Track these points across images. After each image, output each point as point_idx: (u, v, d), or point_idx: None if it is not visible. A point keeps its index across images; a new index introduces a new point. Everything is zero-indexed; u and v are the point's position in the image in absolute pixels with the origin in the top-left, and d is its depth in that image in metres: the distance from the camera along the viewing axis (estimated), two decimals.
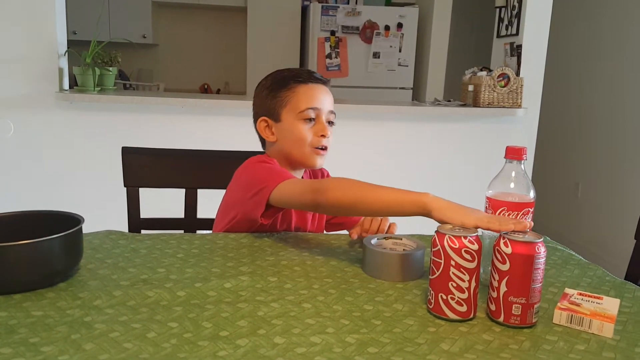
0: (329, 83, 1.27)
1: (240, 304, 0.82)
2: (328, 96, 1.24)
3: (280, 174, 1.13)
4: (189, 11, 5.18)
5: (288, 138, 1.22)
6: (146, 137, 2.56)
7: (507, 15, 2.99)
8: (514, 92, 2.73)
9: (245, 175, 1.19)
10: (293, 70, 1.24)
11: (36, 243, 0.81)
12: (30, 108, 2.49)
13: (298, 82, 1.21)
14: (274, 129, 1.23)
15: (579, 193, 3.80)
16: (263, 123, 1.23)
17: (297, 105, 1.20)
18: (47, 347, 0.67)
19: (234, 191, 1.22)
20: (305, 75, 1.22)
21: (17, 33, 2.43)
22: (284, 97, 1.21)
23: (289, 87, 1.21)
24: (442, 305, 0.79)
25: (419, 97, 4.31)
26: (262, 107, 1.24)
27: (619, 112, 3.41)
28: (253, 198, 1.11)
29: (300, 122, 1.20)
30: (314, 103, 1.20)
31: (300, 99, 1.20)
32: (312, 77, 1.23)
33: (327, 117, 1.23)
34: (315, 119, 1.21)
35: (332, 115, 1.24)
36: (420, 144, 2.84)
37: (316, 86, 1.22)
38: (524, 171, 0.90)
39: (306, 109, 1.19)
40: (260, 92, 1.25)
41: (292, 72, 1.24)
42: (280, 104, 1.21)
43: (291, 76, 1.22)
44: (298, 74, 1.23)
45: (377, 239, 1.03)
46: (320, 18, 4.11)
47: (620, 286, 0.97)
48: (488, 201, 0.90)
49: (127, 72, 4.97)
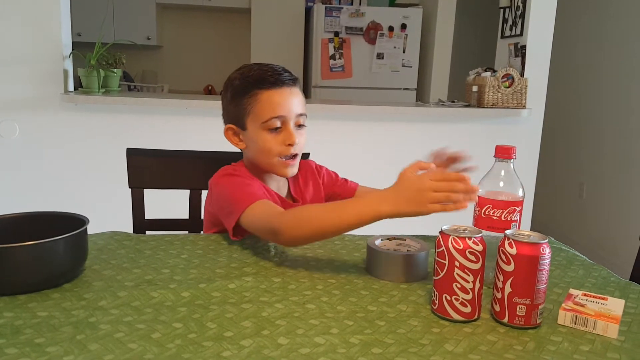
0: (298, 82, 1.16)
1: (244, 304, 0.82)
2: (296, 98, 1.14)
3: (247, 196, 1.06)
4: (193, 13, 5.19)
5: (254, 148, 1.15)
6: (151, 138, 2.57)
7: (511, 15, 2.99)
8: (518, 92, 2.72)
9: (216, 190, 1.15)
10: (254, 74, 1.13)
11: (41, 244, 0.82)
12: (35, 110, 2.50)
13: (260, 88, 1.11)
14: (241, 135, 1.17)
15: (584, 193, 3.78)
16: (230, 131, 1.17)
17: (260, 115, 1.11)
18: (52, 347, 0.67)
19: (210, 206, 1.20)
20: (268, 80, 1.11)
21: (22, 35, 2.44)
22: (246, 106, 1.12)
23: (250, 94, 1.12)
24: (446, 306, 0.79)
25: (422, 97, 4.31)
26: (227, 112, 1.18)
27: (624, 112, 3.39)
28: (226, 217, 1.09)
29: (265, 132, 1.12)
30: (278, 111, 1.11)
31: (263, 108, 1.11)
32: (276, 80, 1.11)
33: (295, 121, 1.14)
34: (281, 126, 1.12)
35: (301, 117, 1.15)
36: (424, 144, 2.81)
37: (281, 91, 1.12)
38: (514, 170, 0.91)
39: (270, 119, 1.11)
40: (225, 94, 1.18)
41: (253, 76, 1.13)
42: (243, 112, 1.13)
43: (252, 82, 1.12)
44: (260, 78, 1.12)
45: (381, 240, 1.03)
46: (324, 19, 4.11)
47: (625, 287, 0.97)
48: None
49: (132, 73, 4.99)
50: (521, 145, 2.60)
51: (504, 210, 0.89)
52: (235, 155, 1.42)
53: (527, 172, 2.86)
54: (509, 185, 0.90)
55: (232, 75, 1.19)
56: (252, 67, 1.16)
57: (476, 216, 0.92)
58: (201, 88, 5.15)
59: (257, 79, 1.12)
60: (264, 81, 1.12)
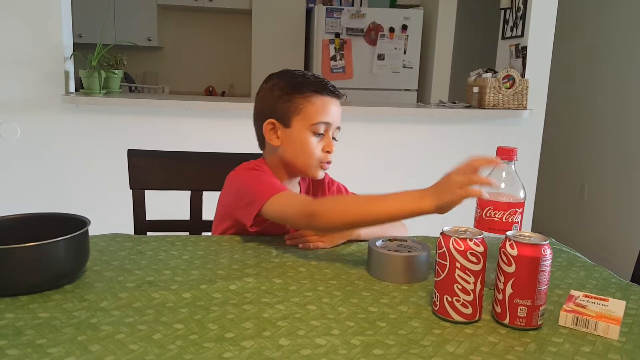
0: (343, 98, 1.21)
1: (245, 305, 0.82)
2: (339, 111, 1.19)
3: (271, 186, 1.09)
4: (194, 14, 5.20)
5: (294, 147, 1.17)
6: (152, 139, 2.57)
7: (512, 16, 2.99)
8: (519, 93, 2.72)
9: (236, 183, 1.17)
10: (309, 76, 1.18)
11: (42, 245, 0.82)
12: (36, 111, 2.50)
13: (315, 91, 1.15)
14: (280, 132, 1.17)
15: (585, 195, 3.78)
16: (269, 125, 1.17)
17: (311, 116, 1.14)
18: (53, 348, 0.67)
19: (226, 198, 1.21)
20: (322, 85, 1.16)
21: (23, 36, 2.44)
22: (299, 104, 1.15)
23: (305, 94, 1.15)
24: (448, 307, 0.79)
25: (423, 98, 4.31)
26: (271, 108, 1.17)
27: (625, 113, 3.39)
28: (244, 208, 1.10)
29: (310, 134, 1.15)
30: (327, 117, 1.15)
31: (316, 110, 1.14)
32: (329, 89, 1.17)
33: (333, 133, 1.19)
34: (324, 133, 1.17)
35: (337, 131, 1.21)
36: (425, 145, 2.83)
37: (332, 100, 1.17)
38: (515, 171, 0.91)
39: (319, 122, 1.15)
40: (272, 91, 1.18)
41: (307, 77, 1.17)
42: (293, 109, 1.15)
43: (308, 83, 1.16)
44: (316, 82, 1.16)
45: (382, 241, 1.04)
46: (325, 20, 4.11)
47: (626, 288, 0.97)
48: (477, 200, 0.92)
49: (133, 74, 4.99)
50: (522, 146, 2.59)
51: (505, 212, 0.89)
52: (238, 156, 1.42)
53: (528, 173, 2.86)
54: (510, 187, 0.90)
55: (275, 77, 1.20)
56: (300, 71, 1.20)
57: (477, 218, 0.92)
58: (202, 89, 5.15)
59: (314, 82, 1.17)
60: (321, 87, 1.16)
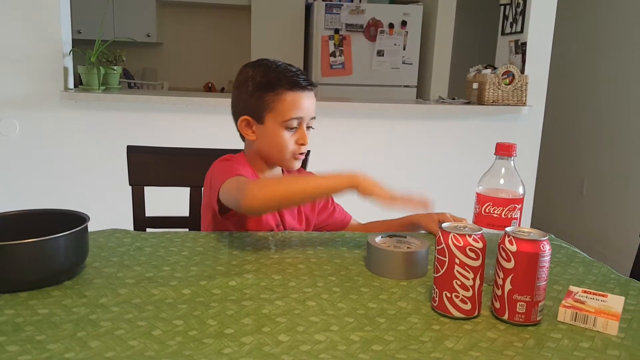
0: (316, 88, 1.23)
1: (244, 301, 0.82)
2: (312, 102, 1.21)
3: (231, 171, 1.10)
4: (193, 10, 5.19)
5: (269, 141, 1.20)
6: (151, 135, 2.56)
7: (511, 12, 2.98)
8: (518, 89, 2.72)
9: (210, 173, 1.21)
10: (280, 71, 1.18)
11: (42, 241, 0.82)
12: (35, 107, 2.49)
13: (287, 88, 1.16)
14: (255, 127, 1.20)
15: (584, 190, 3.78)
16: (244, 122, 1.20)
17: (283, 113, 1.16)
18: (53, 344, 0.67)
19: (205, 190, 1.25)
20: (293, 80, 1.17)
21: (22, 32, 2.43)
22: (269, 102, 1.16)
23: (276, 91, 1.16)
24: (447, 303, 0.79)
25: (423, 95, 4.30)
26: (244, 105, 1.20)
27: (624, 108, 3.39)
28: (212, 196, 1.14)
29: (283, 130, 1.18)
30: (299, 113, 1.17)
31: (286, 107, 1.16)
32: (300, 83, 1.17)
33: (307, 123, 1.21)
34: (297, 127, 1.19)
35: (312, 120, 1.22)
36: (425, 141, 2.83)
37: (304, 94, 1.18)
38: (514, 168, 0.91)
39: (290, 119, 1.17)
40: (244, 88, 1.19)
41: (279, 73, 1.17)
42: (264, 107, 1.17)
43: (279, 79, 1.16)
44: (287, 77, 1.17)
45: (381, 237, 1.04)
46: (324, 16, 4.10)
47: (625, 284, 0.97)
48: (476, 196, 0.92)
49: (132, 71, 4.98)
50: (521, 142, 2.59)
51: (504, 208, 0.89)
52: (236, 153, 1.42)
53: (527, 169, 2.86)
54: (509, 183, 0.90)
55: (249, 69, 1.20)
56: (274, 64, 1.20)
57: (476, 214, 0.92)
58: (201, 85, 5.14)
59: (284, 78, 1.16)
60: (292, 83, 1.16)
